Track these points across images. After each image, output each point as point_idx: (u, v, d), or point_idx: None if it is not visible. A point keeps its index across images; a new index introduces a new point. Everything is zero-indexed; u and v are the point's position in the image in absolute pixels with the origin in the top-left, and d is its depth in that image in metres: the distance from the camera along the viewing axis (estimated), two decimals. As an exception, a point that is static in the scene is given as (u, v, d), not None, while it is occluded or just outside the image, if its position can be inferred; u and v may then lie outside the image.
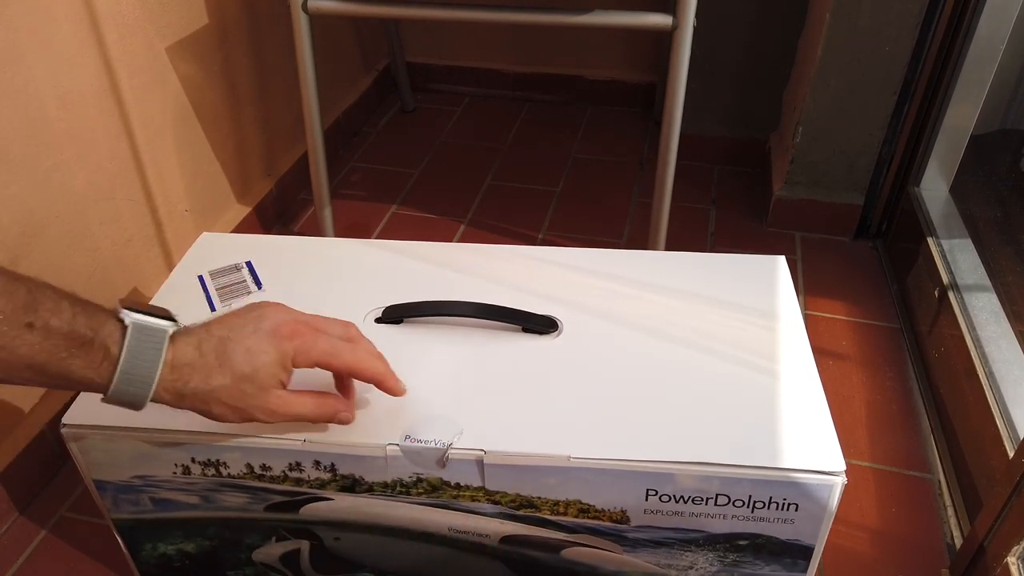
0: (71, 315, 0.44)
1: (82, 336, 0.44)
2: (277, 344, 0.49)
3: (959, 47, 1.05)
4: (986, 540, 0.71)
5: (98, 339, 0.45)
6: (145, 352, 0.46)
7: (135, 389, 0.46)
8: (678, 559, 0.58)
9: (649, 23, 0.93)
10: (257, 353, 0.48)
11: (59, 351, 0.43)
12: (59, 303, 0.44)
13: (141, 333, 0.46)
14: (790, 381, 0.59)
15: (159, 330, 0.47)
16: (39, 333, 0.43)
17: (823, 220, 1.26)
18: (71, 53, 0.86)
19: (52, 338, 0.43)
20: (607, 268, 0.70)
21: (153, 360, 0.46)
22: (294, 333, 0.50)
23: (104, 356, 0.45)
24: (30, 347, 0.43)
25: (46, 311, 0.43)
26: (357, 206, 1.38)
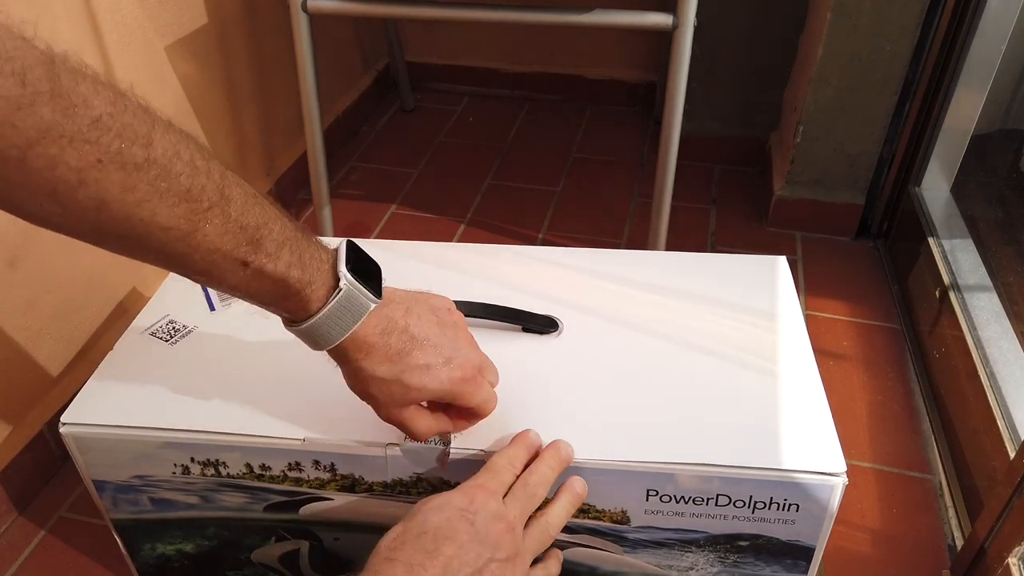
0: (286, 265, 0.43)
1: (290, 287, 0.44)
2: (451, 384, 0.50)
3: (960, 46, 1.05)
4: (987, 541, 0.71)
5: (303, 294, 0.45)
6: (342, 320, 0.46)
7: (316, 339, 0.47)
8: (679, 560, 0.58)
9: (649, 22, 0.93)
10: (433, 377, 0.49)
11: (264, 291, 0.44)
12: (280, 248, 0.43)
13: (347, 303, 0.46)
14: (791, 381, 0.58)
15: (363, 305, 0.46)
16: (251, 273, 0.43)
17: (824, 220, 1.26)
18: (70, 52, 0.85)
19: (261, 280, 0.43)
20: (607, 268, 0.70)
21: (345, 328, 0.46)
22: (469, 380, 0.51)
23: (300, 308, 0.45)
24: (238, 280, 0.43)
25: (264, 254, 0.43)
26: (356, 206, 1.37)
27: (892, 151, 1.19)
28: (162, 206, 0.38)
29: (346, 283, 0.45)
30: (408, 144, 1.57)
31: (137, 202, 0.37)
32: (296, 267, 0.44)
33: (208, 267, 0.41)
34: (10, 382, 0.84)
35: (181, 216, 0.39)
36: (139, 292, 1.01)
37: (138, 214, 0.38)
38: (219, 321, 0.65)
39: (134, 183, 0.37)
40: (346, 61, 1.58)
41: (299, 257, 0.44)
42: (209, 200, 0.40)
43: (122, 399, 0.58)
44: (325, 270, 0.46)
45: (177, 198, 0.38)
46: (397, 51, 1.62)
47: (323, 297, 0.45)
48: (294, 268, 0.44)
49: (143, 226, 0.38)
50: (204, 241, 0.40)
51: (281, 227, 0.44)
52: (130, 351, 0.62)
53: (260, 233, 0.42)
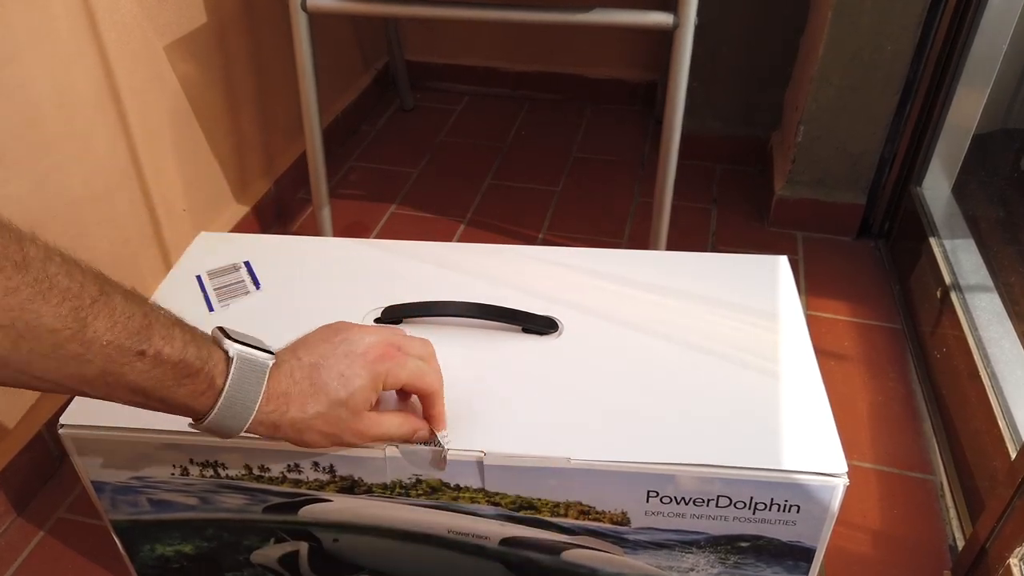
0: (182, 344, 0.43)
1: (190, 366, 0.44)
2: (369, 368, 0.50)
3: (961, 46, 1.05)
4: (988, 542, 0.71)
5: (205, 369, 0.44)
6: (248, 384, 0.46)
7: (232, 421, 0.46)
8: (679, 561, 0.58)
9: (650, 22, 0.92)
10: (351, 378, 0.49)
11: (166, 379, 0.43)
12: (171, 330, 0.43)
13: (245, 365, 0.46)
14: (792, 382, 0.58)
15: (261, 363, 0.47)
16: (149, 361, 0.42)
17: (825, 220, 1.26)
18: (69, 52, 0.85)
19: (161, 367, 0.43)
20: (607, 268, 0.70)
21: (255, 392, 0.46)
22: (384, 356, 0.51)
23: (209, 386, 0.45)
24: (138, 374, 0.42)
25: (159, 339, 0.42)
26: (356, 205, 1.37)
27: (893, 151, 1.19)
28: (47, 306, 0.38)
29: (235, 351, 0.46)
30: (408, 144, 1.56)
31: (20, 304, 0.37)
32: (192, 345, 0.44)
33: (105, 365, 0.41)
34: (9, 382, 0.84)
35: (67, 314, 0.38)
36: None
37: (23, 317, 0.37)
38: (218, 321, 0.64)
39: (15, 285, 0.37)
40: (346, 60, 1.58)
41: (191, 336, 0.44)
42: (91, 296, 0.40)
43: (120, 400, 0.58)
44: (214, 347, 0.46)
45: (60, 296, 0.38)
46: (397, 50, 1.62)
47: (224, 371, 0.45)
48: (190, 346, 0.44)
49: (30, 331, 0.38)
50: (95, 337, 0.40)
51: (165, 313, 0.44)
52: (129, 351, 0.62)
53: (149, 320, 0.42)
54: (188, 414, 0.46)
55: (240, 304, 0.66)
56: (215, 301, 0.67)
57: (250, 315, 0.65)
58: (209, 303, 0.66)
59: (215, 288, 0.68)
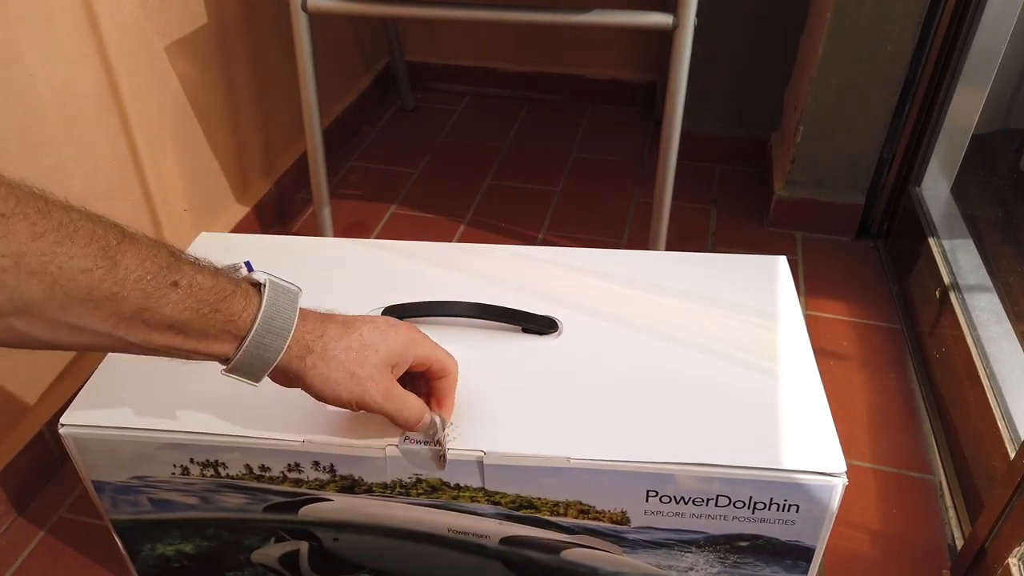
0: (212, 271, 0.44)
1: (224, 289, 0.44)
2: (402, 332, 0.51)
3: (961, 46, 1.05)
4: (987, 541, 0.71)
5: (240, 290, 0.45)
6: (283, 304, 0.46)
7: (271, 341, 0.46)
8: (678, 560, 0.58)
9: (650, 22, 0.93)
10: (387, 330, 0.50)
11: (203, 306, 0.43)
12: (198, 262, 0.44)
13: (277, 288, 0.47)
14: (791, 382, 0.58)
15: (292, 290, 0.48)
16: (184, 290, 0.43)
17: (824, 220, 1.26)
18: (70, 52, 0.85)
19: (197, 294, 0.43)
20: (607, 268, 0.70)
21: (291, 311, 0.46)
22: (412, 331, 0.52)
23: (246, 305, 0.45)
24: (174, 305, 0.42)
25: (189, 268, 0.43)
26: (356, 206, 1.37)
27: (892, 151, 1.19)
28: (75, 247, 0.39)
29: (266, 277, 0.47)
30: (408, 144, 1.57)
31: (50, 248, 0.38)
32: (221, 275, 0.45)
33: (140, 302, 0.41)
34: (10, 382, 0.84)
35: (97, 254, 0.39)
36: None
37: (55, 261, 0.38)
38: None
39: (41, 230, 0.38)
40: (346, 61, 1.58)
41: (219, 268, 0.46)
42: (116, 237, 0.41)
43: (122, 400, 0.58)
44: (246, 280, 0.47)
45: (86, 238, 0.39)
46: (397, 51, 1.62)
47: (258, 293, 0.46)
48: (220, 275, 0.45)
49: (64, 274, 0.38)
50: (127, 274, 0.40)
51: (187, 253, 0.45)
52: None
53: (175, 255, 0.44)
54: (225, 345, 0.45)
55: None
56: (216, 301, 0.67)
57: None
58: (210, 303, 0.66)
59: (216, 288, 0.68)
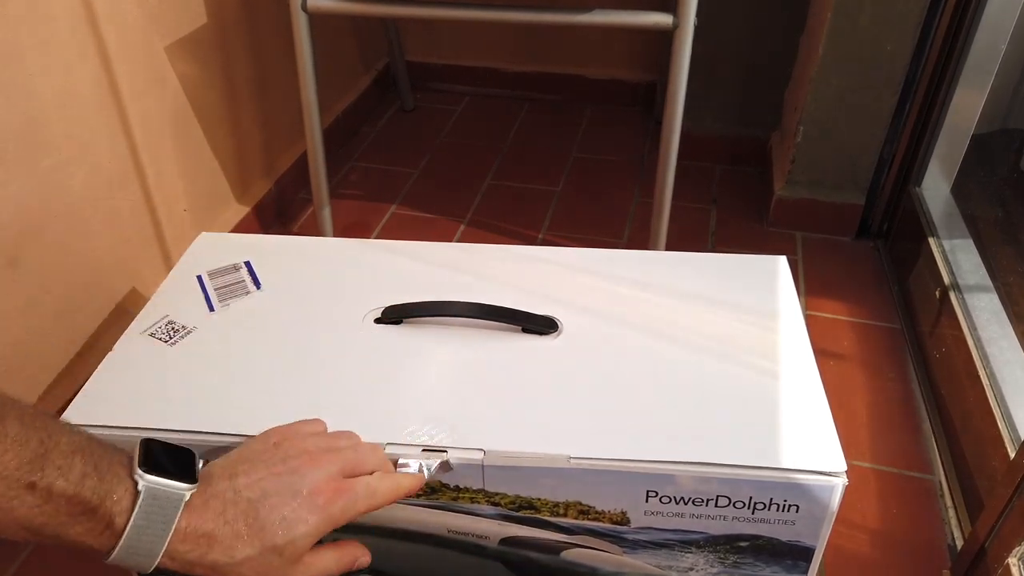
0: (79, 476, 0.39)
1: (87, 502, 0.39)
2: (319, 513, 0.45)
3: (961, 46, 1.05)
4: (987, 541, 0.71)
5: (103, 508, 0.40)
6: (154, 525, 0.41)
7: (136, 560, 0.42)
8: (678, 560, 0.58)
9: (650, 22, 0.93)
10: (294, 523, 0.44)
11: (59, 515, 0.39)
12: (71, 459, 0.39)
13: (153, 502, 0.41)
14: (791, 381, 0.58)
15: (174, 497, 0.42)
16: (40, 495, 0.38)
17: (824, 220, 1.26)
18: (70, 52, 0.85)
19: (53, 502, 0.39)
20: (607, 268, 0.70)
21: (162, 534, 0.41)
22: (336, 494, 0.46)
23: (107, 526, 0.41)
24: (28, 509, 0.38)
25: (53, 469, 0.38)
26: (356, 206, 1.37)
27: (893, 151, 1.19)
28: None
29: (144, 484, 0.41)
30: (408, 144, 1.57)
31: None
32: (92, 477, 0.39)
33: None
34: (10, 382, 0.84)
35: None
36: (138, 292, 1.01)
37: None
38: (218, 321, 0.65)
39: None
40: (346, 61, 1.58)
41: (94, 466, 0.40)
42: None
43: (121, 400, 0.58)
44: (124, 476, 0.41)
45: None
46: (397, 51, 1.62)
47: (128, 508, 0.40)
48: (89, 479, 0.39)
49: None
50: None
51: (69, 438, 0.40)
52: (129, 352, 0.62)
53: (46, 447, 0.38)
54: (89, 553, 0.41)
55: (240, 304, 0.66)
56: (216, 301, 0.67)
57: (250, 315, 0.65)
58: (210, 303, 0.67)
59: (216, 288, 0.68)
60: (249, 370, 0.60)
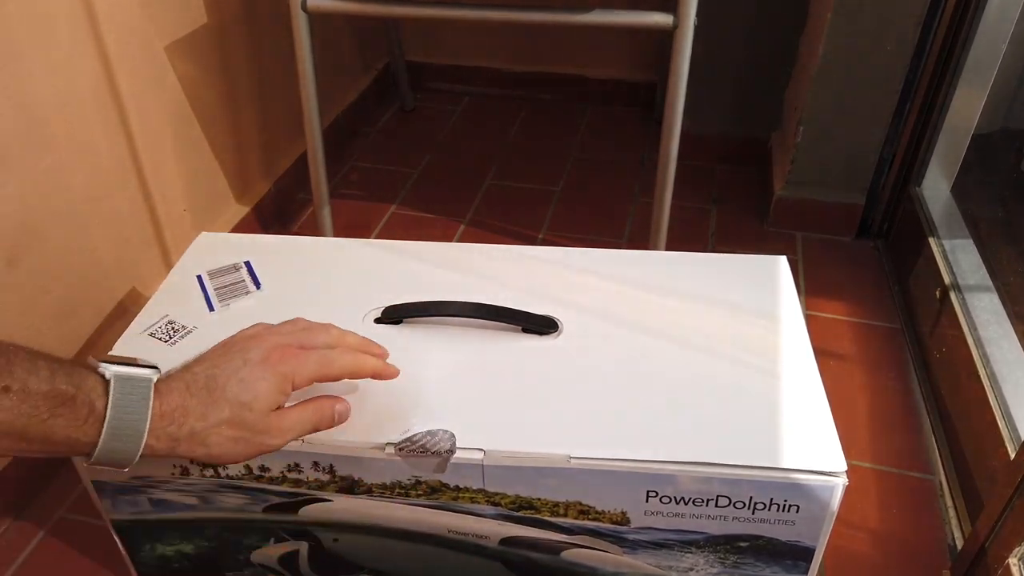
0: (49, 373, 0.42)
1: (63, 393, 0.42)
2: (272, 369, 0.49)
3: (961, 46, 1.05)
4: (987, 541, 0.71)
5: (81, 394, 0.42)
6: (132, 403, 0.44)
7: (123, 444, 0.44)
8: (679, 560, 0.58)
9: (650, 22, 0.92)
10: (252, 381, 0.48)
11: (40, 412, 0.41)
12: (34, 363, 0.42)
13: (125, 384, 0.44)
14: (791, 382, 0.58)
15: (143, 379, 0.45)
16: (16, 396, 0.40)
17: (824, 220, 1.26)
18: (69, 52, 0.85)
19: (31, 399, 0.41)
20: (607, 268, 0.70)
21: (142, 410, 0.44)
22: (284, 357, 0.49)
23: (89, 411, 0.43)
24: (7, 412, 0.40)
25: (22, 371, 0.41)
26: (356, 206, 1.37)
27: (893, 151, 1.19)
28: None
29: (112, 372, 0.44)
30: (408, 144, 1.57)
31: None
32: (60, 375, 0.42)
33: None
34: (9, 382, 0.84)
35: None
36: (138, 292, 1.01)
37: None
38: (218, 321, 0.65)
39: None
40: (346, 61, 1.58)
41: (59, 364, 0.43)
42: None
43: (121, 400, 0.58)
44: (90, 374, 0.44)
45: None
46: (397, 50, 1.62)
47: (103, 393, 0.43)
48: (59, 376, 0.42)
49: None
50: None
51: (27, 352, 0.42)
52: (129, 351, 0.62)
53: (7, 356, 0.41)
54: (76, 450, 0.44)
55: (240, 304, 0.66)
56: (216, 301, 0.67)
57: (250, 315, 0.65)
58: (210, 303, 0.67)
59: (215, 288, 0.68)
60: (249, 370, 0.60)
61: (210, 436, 0.47)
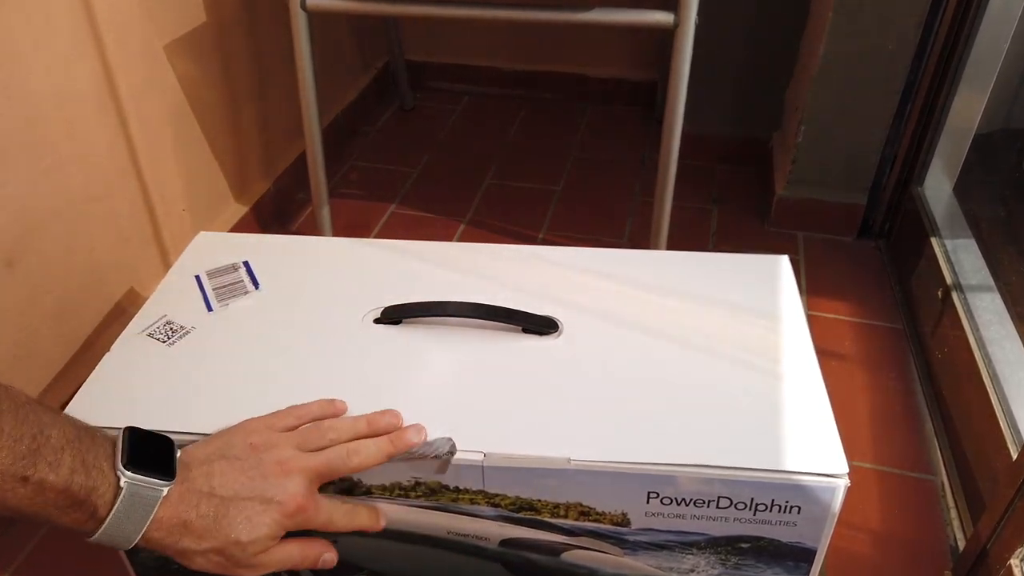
0: (68, 472, 0.43)
1: (75, 496, 0.43)
2: (281, 522, 0.49)
3: (962, 45, 1.05)
4: (989, 542, 0.71)
5: (89, 501, 0.44)
6: (134, 516, 0.46)
7: (115, 543, 0.46)
8: (679, 562, 0.58)
9: (650, 21, 0.92)
10: (258, 525, 0.48)
11: (48, 506, 0.43)
12: (60, 455, 0.43)
13: (133, 499, 0.45)
14: (793, 382, 0.58)
15: (153, 495, 0.46)
16: (32, 488, 0.42)
17: (826, 220, 1.26)
18: (68, 51, 0.85)
19: (44, 494, 0.42)
20: (608, 268, 0.70)
21: (140, 523, 0.46)
22: (300, 509, 0.49)
23: (91, 516, 0.45)
24: (20, 499, 0.42)
25: (44, 465, 0.42)
26: (356, 205, 1.37)
27: (894, 151, 1.19)
28: None
29: (126, 480, 0.45)
30: (408, 143, 1.56)
31: None
32: (80, 472, 0.43)
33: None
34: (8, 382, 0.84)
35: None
36: (137, 292, 1.01)
37: None
38: (217, 321, 0.64)
39: None
40: (346, 60, 1.58)
41: (81, 461, 0.44)
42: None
43: (119, 400, 0.58)
44: (107, 470, 0.45)
45: None
46: (397, 50, 1.62)
47: (110, 501, 0.45)
48: (77, 474, 0.43)
49: None
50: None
51: (60, 431, 0.43)
52: (127, 352, 0.62)
53: (37, 442, 0.42)
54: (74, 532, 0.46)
55: (239, 304, 0.66)
56: (214, 301, 0.66)
57: (249, 315, 0.65)
58: (208, 303, 0.66)
59: (214, 288, 0.68)
60: (247, 370, 0.60)
61: (196, 557, 0.48)
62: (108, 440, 0.47)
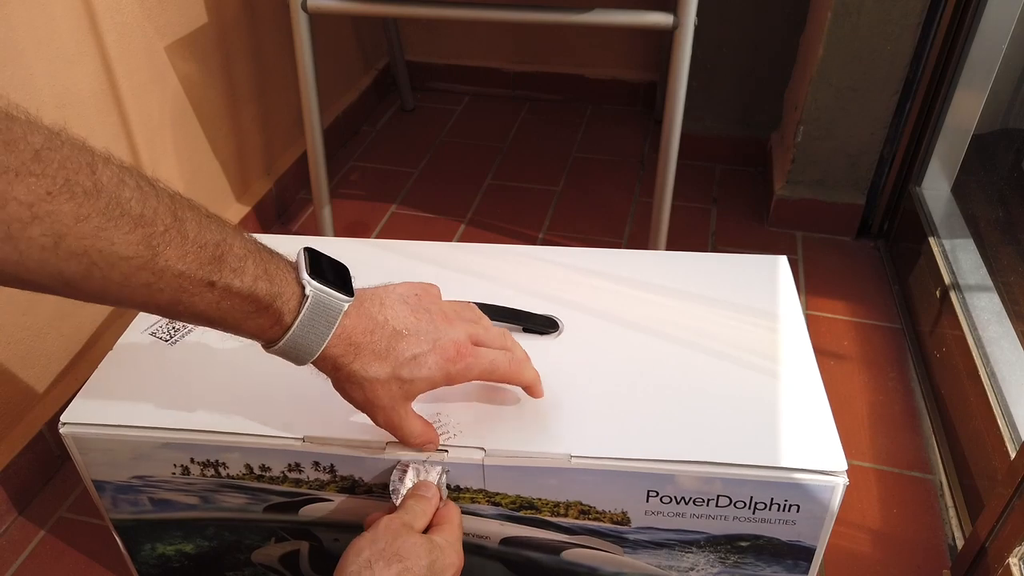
0: (252, 278, 0.43)
1: (260, 300, 0.44)
2: (443, 365, 0.49)
3: (961, 46, 1.05)
4: (988, 541, 0.71)
5: (274, 306, 0.44)
6: (317, 327, 0.46)
7: (298, 353, 0.47)
8: (679, 560, 0.58)
9: (650, 22, 0.93)
10: (422, 365, 0.49)
11: (234, 312, 0.43)
12: (244, 261, 0.43)
13: (318, 307, 0.46)
14: (791, 381, 0.58)
15: (335, 307, 0.46)
16: (219, 292, 0.42)
17: (825, 220, 1.26)
18: (69, 52, 0.85)
19: (230, 299, 0.43)
20: (607, 268, 0.70)
21: (323, 335, 0.46)
22: (460, 356, 0.50)
23: (276, 322, 0.45)
24: (207, 304, 0.42)
25: (229, 271, 0.42)
26: (357, 205, 1.37)
27: (893, 151, 1.19)
28: (118, 233, 0.38)
29: (312, 289, 0.45)
30: (408, 144, 1.57)
31: (93, 232, 0.37)
32: (263, 280, 0.44)
33: (176, 294, 0.41)
34: (10, 381, 0.84)
35: (139, 242, 0.38)
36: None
37: (96, 245, 0.37)
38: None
39: (86, 212, 0.36)
40: (346, 61, 1.58)
41: (264, 270, 0.44)
42: (164, 223, 0.39)
43: (122, 399, 0.58)
44: (291, 280, 0.45)
45: (132, 224, 0.38)
46: (397, 50, 1.62)
47: (295, 308, 0.45)
48: (261, 281, 0.43)
49: (103, 259, 0.38)
50: (167, 266, 0.40)
51: (241, 242, 0.44)
52: (130, 351, 0.62)
53: (221, 250, 0.42)
54: (258, 340, 0.47)
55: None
56: (216, 301, 0.67)
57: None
58: (210, 303, 0.66)
59: (216, 288, 0.68)
60: (250, 369, 0.60)
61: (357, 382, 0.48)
62: (287, 258, 0.47)
